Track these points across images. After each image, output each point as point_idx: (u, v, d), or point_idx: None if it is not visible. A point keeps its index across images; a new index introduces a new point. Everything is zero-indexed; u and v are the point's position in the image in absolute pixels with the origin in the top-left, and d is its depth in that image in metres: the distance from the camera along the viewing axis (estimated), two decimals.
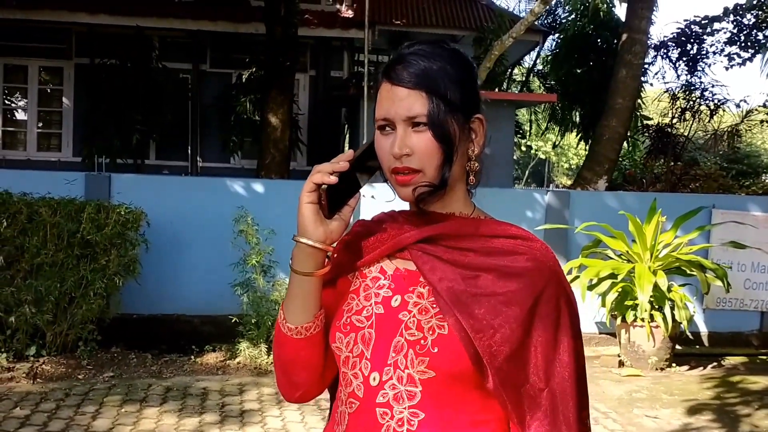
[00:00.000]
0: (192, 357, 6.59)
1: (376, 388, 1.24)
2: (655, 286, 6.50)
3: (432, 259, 1.26)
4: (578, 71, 13.68)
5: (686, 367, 6.94)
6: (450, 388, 1.21)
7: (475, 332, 1.19)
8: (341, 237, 1.30)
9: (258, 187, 7.74)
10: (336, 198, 1.27)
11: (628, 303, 6.75)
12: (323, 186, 1.24)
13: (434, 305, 1.24)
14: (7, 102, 13.06)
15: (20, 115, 13.19)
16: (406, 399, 1.22)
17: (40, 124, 13.08)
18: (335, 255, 1.35)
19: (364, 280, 1.33)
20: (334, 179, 1.23)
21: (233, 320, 6.52)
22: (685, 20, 14.18)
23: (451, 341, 1.20)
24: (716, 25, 13.63)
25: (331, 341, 1.32)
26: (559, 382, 1.22)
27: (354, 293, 1.33)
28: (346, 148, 14.51)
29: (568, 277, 6.79)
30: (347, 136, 14.15)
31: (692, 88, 13.75)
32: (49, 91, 13.15)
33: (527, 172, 35.81)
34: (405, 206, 1.36)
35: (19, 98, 13.12)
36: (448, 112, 1.23)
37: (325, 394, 1.47)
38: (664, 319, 6.55)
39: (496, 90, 13.06)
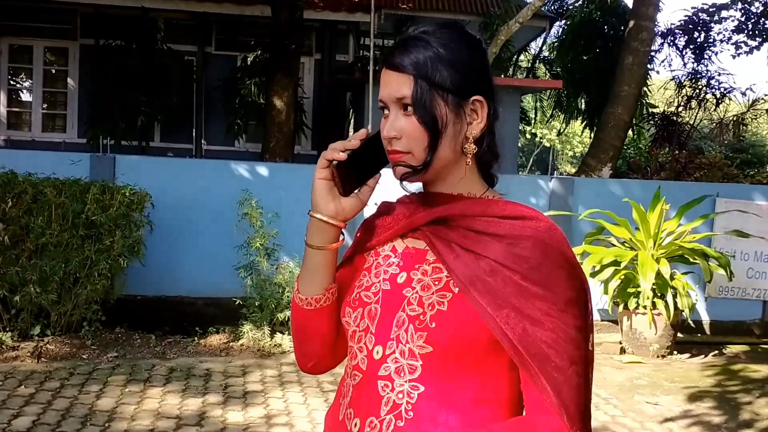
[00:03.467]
0: (195, 338, 6.62)
1: (378, 362, 1.28)
2: (658, 274, 6.50)
3: (442, 239, 1.29)
4: (584, 58, 13.61)
5: (687, 355, 6.96)
6: (448, 363, 1.23)
7: (492, 309, 1.20)
8: (355, 215, 1.35)
9: (262, 170, 7.74)
10: (356, 177, 1.31)
11: (631, 290, 6.77)
12: (334, 162, 1.29)
13: (437, 282, 1.27)
14: (12, 82, 13.04)
15: (25, 96, 13.18)
16: (407, 372, 1.25)
17: (45, 105, 13.07)
18: (358, 234, 1.42)
19: (376, 258, 1.38)
20: (343, 156, 1.28)
21: (237, 302, 6.55)
22: (692, 8, 14.15)
23: (450, 318, 1.23)
24: (724, 13, 13.58)
25: (341, 315, 1.37)
26: (569, 360, 1.21)
27: (366, 270, 1.38)
28: (351, 132, 14.50)
29: None
30: (352, 120, 14.12)
31: (698, 76, 13.70)
32: (54, 71, 13.13)
33: (531, 160, 35.72)
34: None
35: (24, 79, 13.11)
36: (434, 95, 1.25)
37: (330, 374, 1.51)
38: (666, 306, 6.56)
39: (502, 76, 13.02)
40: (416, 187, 1.38)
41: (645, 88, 12.58)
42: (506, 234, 1.26)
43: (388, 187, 1.53)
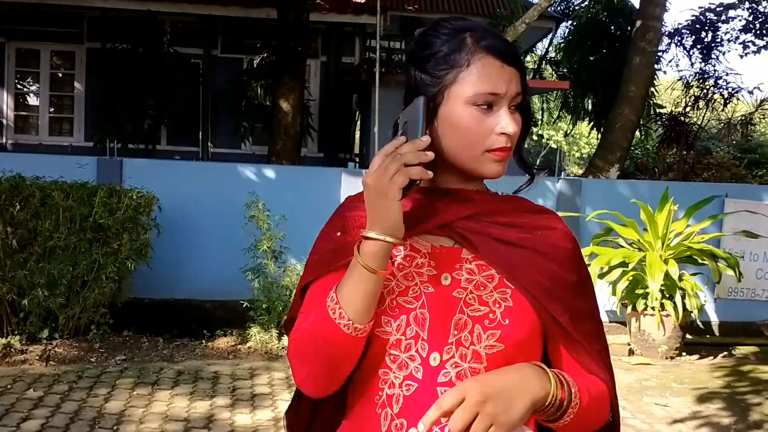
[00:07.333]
0: (203, 341, 6.62)
1: (437, 368, 1.24)
2: (666, 275, 6.48)
3: (477, 235, 1.28)
4: (591, 58, 13.57)
5: (696, 356, 6.92)
6: (514, 359, 1.23)
7: (544, 300, 1.25)
8: None
9: (269, 173, 7.74)
10: None
11: (639, 291, 6.74)
12: (418, 182, 1.18)
13: (490, 279, 1.26)
14: (19, 86, 13.10)
15: (32, 100, 13.25)
16: (469, 376, 1.23)
17: (52, 109, 13.14)
18: (340, 236, 1.32)
19: (394, 259, 1.27)
20: (430, 174, 1.17)
21: (244, 305, 6.54)
22: (699, 7, 14.07)
23: (518, 312, 1.25)
24: (731, 13, 13.50)
25: (375, 326, 1.25)
26: (600, 335, 1.34)
27: (388, 274, 1.25)
28: (357, 134, 14.51)
29: None
30: (358, 122, 14.13)
31: (706, 76, 13.63)
32: (61, 75, 13.20)
33: (538, 161, 35.67)
34: None
35: (31, 83, 13.18)
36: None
37: None
38: (675, 307, 6.53)
39: None
40: None
41: (652, 89, 12.54)
42: (536, 227, 1.30)
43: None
